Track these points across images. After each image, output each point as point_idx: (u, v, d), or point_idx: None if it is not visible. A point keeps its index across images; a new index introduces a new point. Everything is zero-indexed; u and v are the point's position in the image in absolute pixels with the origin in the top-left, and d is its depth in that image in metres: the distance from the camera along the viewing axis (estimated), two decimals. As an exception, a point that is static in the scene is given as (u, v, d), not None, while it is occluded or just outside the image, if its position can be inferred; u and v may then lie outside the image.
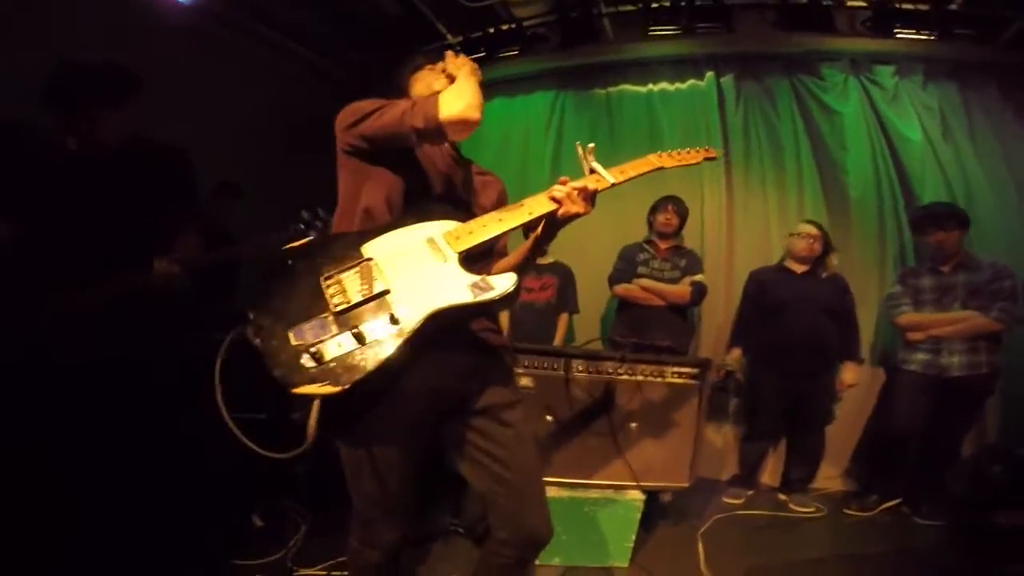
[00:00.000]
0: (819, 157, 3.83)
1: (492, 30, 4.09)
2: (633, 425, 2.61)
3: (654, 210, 3.46)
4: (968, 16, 3.48)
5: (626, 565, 2.51)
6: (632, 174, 1.54)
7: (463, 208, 1.49)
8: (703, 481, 3.60)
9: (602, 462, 2.58)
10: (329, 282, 1.24)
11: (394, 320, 1.18)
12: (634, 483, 2.56)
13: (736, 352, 3.47)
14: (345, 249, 1.31)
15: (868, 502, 3.24)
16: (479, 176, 1.65)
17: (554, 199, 1.38)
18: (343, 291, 1.22)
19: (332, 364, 1.14)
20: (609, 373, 2.61)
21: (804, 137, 3.86)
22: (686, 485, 2.67)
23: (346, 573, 2.17)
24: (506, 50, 4.14)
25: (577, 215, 1.37)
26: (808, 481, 3.47)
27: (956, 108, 3.72)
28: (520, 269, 1.44)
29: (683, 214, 3.45)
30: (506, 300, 1.26)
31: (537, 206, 1.39)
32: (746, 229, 3.88)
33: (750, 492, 3.47)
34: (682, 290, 3.31)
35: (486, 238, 1.35)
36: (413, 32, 4.01)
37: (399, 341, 1.17)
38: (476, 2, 3.78)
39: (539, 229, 1.44)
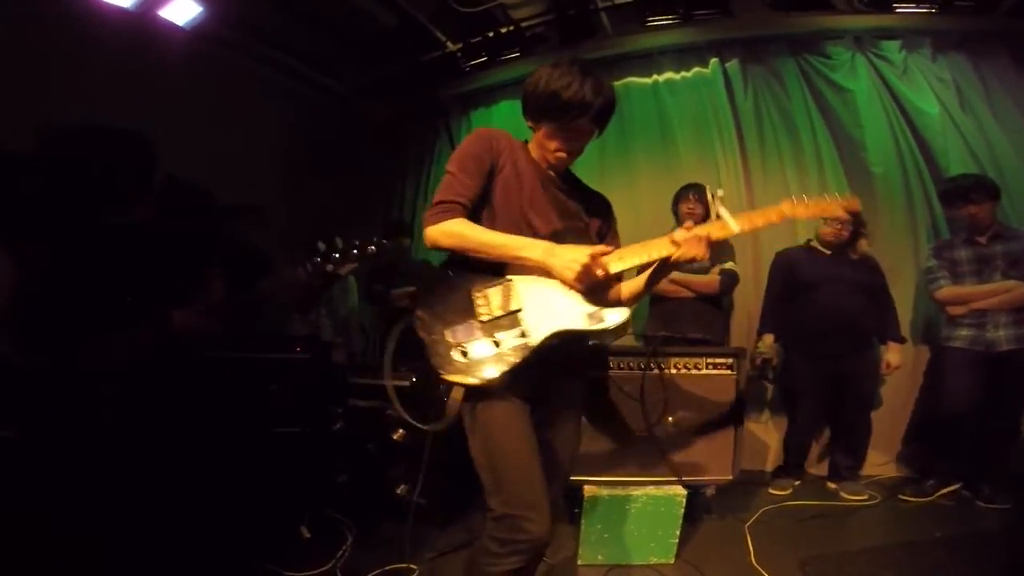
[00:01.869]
0: (836, 135, 3.76)
1: (491, 34, 4.10)
2: (671, 419, 2.54)
3: (677, 200, 3.40)
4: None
5: (672, 561, 2.43)
6: (759, 223, 1.57)
7: (584, 236, 1.59)
8: (747, 473, 3.48)
9: (640, 458, 2.51)
10: (478, 295, 1.49)
11: (523, 335, 1.43)
12: (675, 478, 2.48)
13: (768, 338, 3.35)
14: (494, 268, 1.53)
15: (925, 487, 3.08)
16: (585, 202, 1.69)
17: (674, 242, 1.48)
18: (488, 304, 1.48)
19: (474, 362, 1.42)
20: (642, 368, 2.55)
21: (818, 116, 3.80)
22: (730, 478, 2.58)
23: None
24: (507, 53, 4.15)
25: (694, 259, 1.46)
26: (857, 468, 3.32)
27: (970, 78, 3.63)
28: (631, 303, 1.62)
29: (706, 201, 3.38)
30: (617, 332, 1.47)
31: (656, 249, 1.50)
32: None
33: (797, 482, 3.34)
34: (710, 279, 3.22)
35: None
36: (413, 43, 4.06)
37: (525, 352, 1.42)
38: (471, 7, 3.78)
39: (652, 268, 1.58)
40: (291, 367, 2.65)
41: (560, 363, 1.54)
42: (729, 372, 2.61)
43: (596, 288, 1.48)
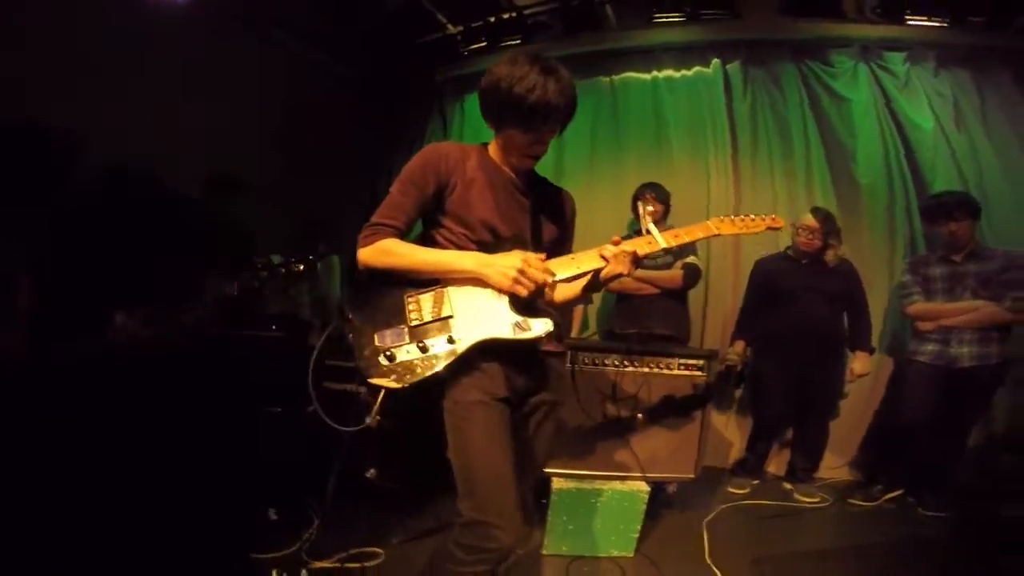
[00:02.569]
0: (828, 144, 3.79)
1: (493, 19, 4.03)
2: (639, 416, 2.62)
3: (636, 199, 3.38)
4: (981, 2, 3.38)
5: (631, 555, 2.53)
6: (686, 239, 1.64)
7: (530, 244, 1.58)
8: (709, 470, 3.59)
9: (608, 453, 2.60)
10: (410, 300, 1.49)
11: (451, 341, 1.44)
12: (640, 474, 2.57)
13: (739, 345, 3.45)
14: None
15: (872, 492, 3.24)
16: (550, 204, 1.67)
17: (603, 257, 1.52)
18: (419, 309, 1.48)
19: (399, 366, 1.42)
20: (616, 365, 2.62)
21: (812, 124, 3.81)
22: (692, 476, 2.69)
23: (360, 564, 2.25)
24: (508, 39, 4.07)
25: (620, 275, 1.52)
26: (813, 471, 3.47)
27: (969, 95, 3.65)
28: (565, 308, 1.70)
29: (664, 199, 3.38)
30: (541, 341, 1.48)
31: (586, 262, 1.54)
32: (755, 212, 3.82)
33: (755, 482, 3.47)
34: (673, 275, 3.26)
35: None
36: (414, 24, 3.97)
37: (451, 359, 1.42)
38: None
39: (585, 280, 1.60)
40: (267, 345, 2.64)
41: (533, 363, 1.57)
42: (699, 373, 2.68)
43: (529, 297, 1.48)
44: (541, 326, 1.46)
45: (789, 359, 3.26)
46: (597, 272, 1.56)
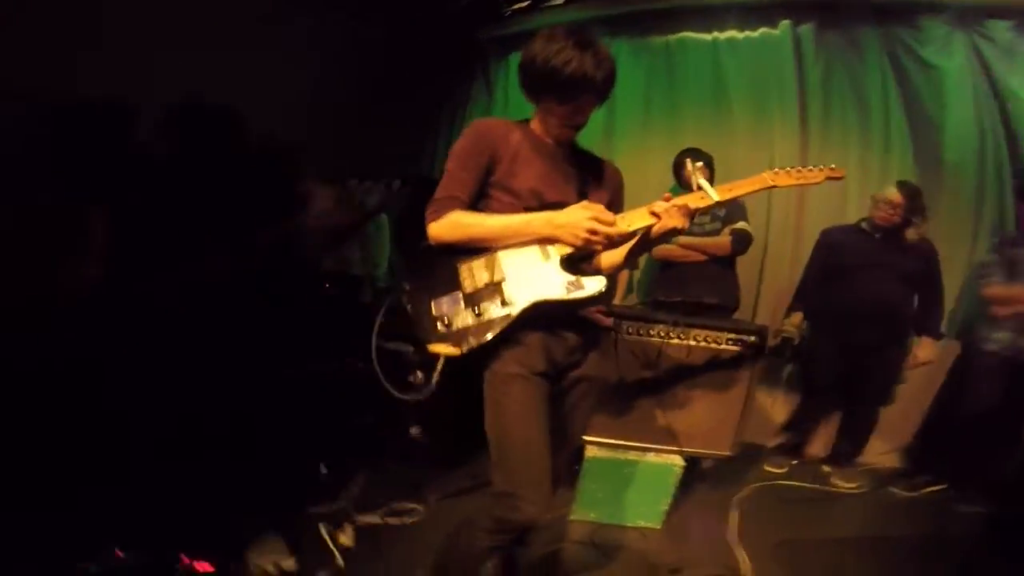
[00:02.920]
0: (912, 115, 3.46)
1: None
2: (681, 389, 2.59)
3: (678, 166, 3.27)
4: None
5: (658, 527, 2.58)
6: (740, 192, 1.58)
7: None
8: (748, 446, 3.56)
9: (645, 424, 2.60)
10: (463, 267, 1.53)
11: (504, 304, 1.47)
12: (676, 448, 2.58)
13: (796, 317, 3.30)
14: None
15: (916, 482, 3.14)
16: (595, 173, 1.67)
17: (654, 213, 1.50)
18: (472, 276, 1.52)
19: (456, 333, 1.48)
20: (660, 336, 2.58)
21: (895, 94, 3.47)
22: (728, 454, 2.68)
23: (400, 520, 2.41)
24: (551, -1, 3.84)
25: (674, 230, 1.49)
26: (854, 455, 3.37)
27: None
28: (610, 272, 1.68)
29: (708, 163, 3.19)
30: (596, 300, 1.49)
31: (637, 220, 1.52)
32: (820, 187, 3.57)
33: (794, 462, 3.42)
34: (722, 241, 3.13)
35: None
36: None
37: (505, 323, 1.46)
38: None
39: (635, 240, 1.58)
40: (320, 303, 2.76)
41: (576, 337, 1.60)
42: (748, 350, 2.60)
43: (576, 257, 1.51)
44: (595, 284, 1.48)
45: (847, 337, 3.11)
46: (646, 233, 1.55)
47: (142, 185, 1.99)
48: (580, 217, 1.45)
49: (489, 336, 1.46)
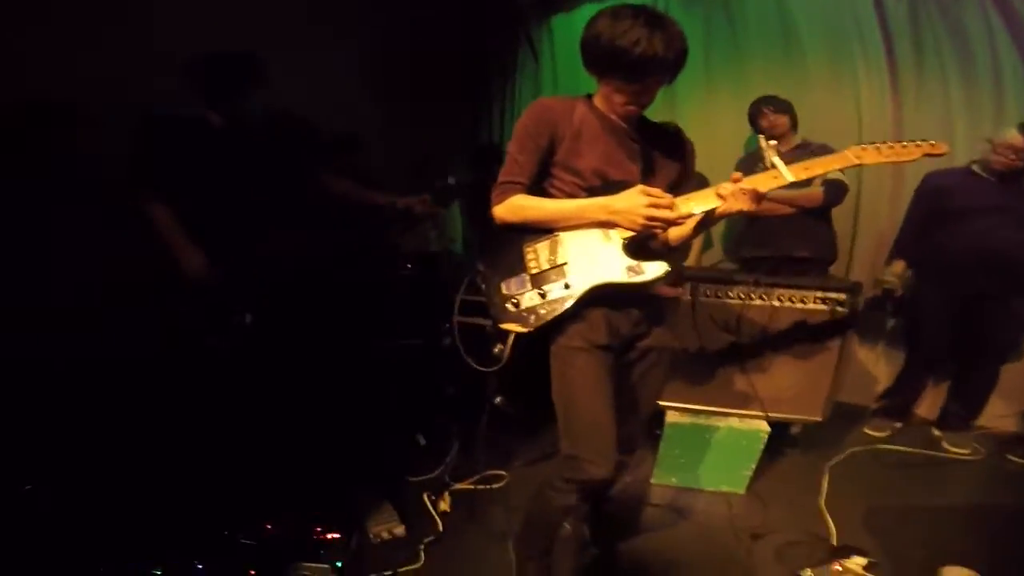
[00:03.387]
0: (1020, 44, 2.97)
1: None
2: (766, 352, 2.52)
3: (753, 117, 3.07)
4: None
5: (742, 492, 2.55)
6: (818, 171, 1.53)
7: (663, 184, 1.59)
8: (847, 408, 3.41)
9: (728, 388, 2.57)
10: (528, 249, 1.60)
11: (567, 286, 1.52)
12: (762, 413, 2.52)
13: (898, 266, 3.05)
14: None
15: None
16: (662, 147, 1.65)
17: (720, 196, 1.49)
18: (537, 258, 1.58)
19: (524, 311, 1.55)
20: (741, 298, 2.50)
21: (999, 25, 3.00)
22: (819, 419, 2.58)
23: (489, 486, 2.54)
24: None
25: (741, 212, 1.48)
26: (970, 418, 3.09)
27: None
28: (683, 243, 1.71)
29: (787, 109, 2.99)
30: (657, 283, 1.51)
31: (700, 202, 1.51)
32: (919, 129, 3.17)
33: (899, 424, 3.20)
34: (812, 192, 2.89)
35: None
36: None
37: (570, 302, 1.52)
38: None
39: (699, 217, 1.57)
40: (401, 283, 2.91)
41: (640, 311, 1.62)
42: (839, 309, 2.46)
43: (640, 240, 1.53)
44: (655, 269, 1.50)
45: (959, 286, 2.84)
46: (711, 211, 1.53)
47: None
48: (637, 203, 1.45)
49: (553, 316, 1.52)
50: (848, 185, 2.96)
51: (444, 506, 2.39)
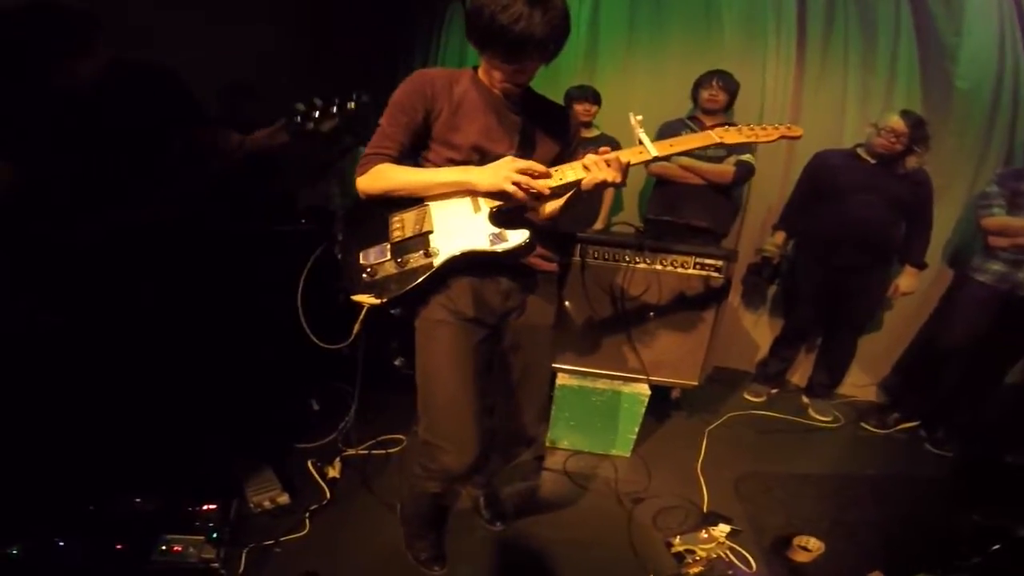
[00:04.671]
0: (923, 41, 3.17)
1: None
2: (651, 315, 2.59)
3: (698, 85, 3.10)
4: None
5: (628, 455, 2.67)
6: (681, 148, 1.54)
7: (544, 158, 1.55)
8: (730, 372, 3.66)
9: (613, 353, 2.63)
10: (394, 218, 1.54)
11: (427, 255, 1.47)
12: (643, 376, 2.61)
13: (779, 236, 3.23)
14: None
15: (887, 420, 3.17)
16: (544, 122, 1.60)
17: (584, 167, 1.45)
18: (402, 227, 1.52)
19: (380, 281, 1.49)
20: (627, 261, 2.55)
21: (908, 18, 3.17)
22: (695, 384, 2.70)
23: (385, 451, 2.51)
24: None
25: (605, 183, 1.43)
26: (832, 387, 3.39)
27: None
28: (553, 222, 1.68)
29: (732, 90, 3.06)
30: (520, 252, 1.47)
31: (569, 172, 1.47)
32: (815, 111, 3.41)
33: (774, 391, 3.45)
34: (724, 169, 3.02)
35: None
36: None
37: (427, 273, 1.46)
38: None
39: (569, 194, 1.56)
40: (298, 239, 2.75)
41: (511, 281, 1.60)
42: (716, 275, 2.57)
43: (521, 202, 1.48)
44: (517, 236, 1.46)
45: (829, 260, 3.05)
46: (577, 186, 1.50)
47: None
48: (502, 169, 1.42)
49: (410, 285, 1.46)
50: (755, 167, 3.07)
51: (333, 472, 2.34)
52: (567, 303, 2.59)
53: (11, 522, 1.78)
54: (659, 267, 2.56)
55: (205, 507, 1.99)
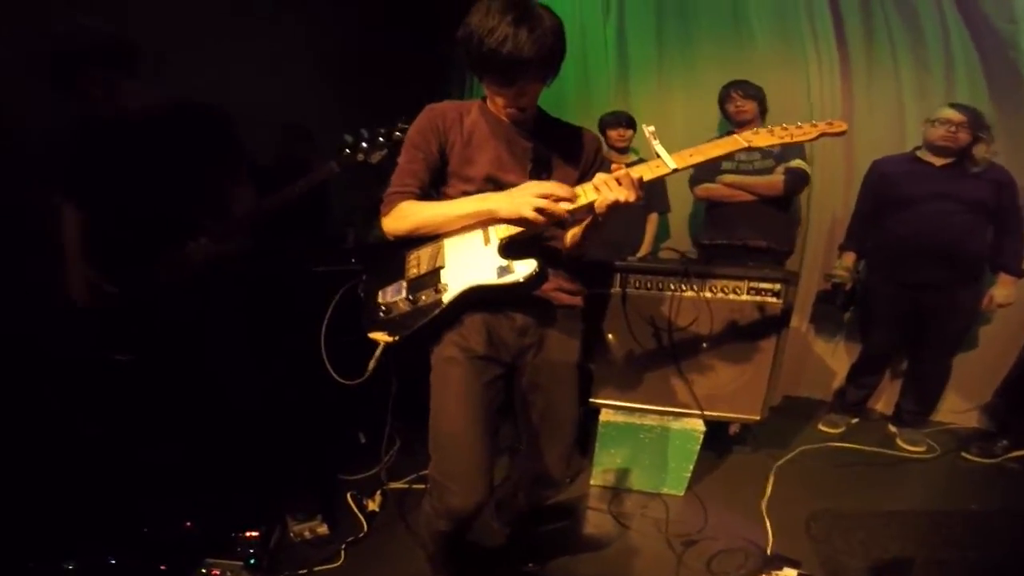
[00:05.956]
0: (976, 32, 2.89)
1: None
2: (702, 347, 2.41)
3: (721, 102, 2.97)
4: None
5: (681, 494, 2.47)
6: (703, 158, 1.41)
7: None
8: (803, 402, 3.35)
9: (662, 387, 2.45)
10: (411, 255, 1.54)
11: (437, 291, 1.44)
12: (698, 412, 2.41)
13: (848, 258, 2.96)
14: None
15: (995, 447, 2.74)
16: (561, 147, 1.56)
17: (595, 187, 1.38)
18: (418, 264, 1.51)
19: (395, 319, 1.47)
20: (672, 289, 2.39)
21: (951, 8, 2.91)
22: (757, 418, 2.45)
23: (425, 486, 2.49)
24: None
25: (618, 203, 1.34)
26: (923, 415, 2.99)
27: None
28: (576, 252, 1.61)
29: (756, 96, 2.89)
30: (530, 284, 1.40)
31: (583, 194, 1.40)
32: (871, 115, 3.16)
33: (854, 420, 3.11)
34: (773, 180, 2.83)
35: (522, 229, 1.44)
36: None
37: (438, 309, 1.43)
38: None
39: (587, 221, 1.50)
40: (347, 278, 2.85)
41: (526, 317, 1.54)
42: (773, 300, 2.36)
43: (519, 242, 1.43)
44: (524, 268, 1.40)
45: (906, 279, 2.75)
46: (592, 210, 1.41)
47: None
48: (525, 195, 1.36)
49: (420, 323, 1.43)
50: (809, 174, 2.88)
51: (373, 506, 2.34)
52: (609, 336, 2.46)
53: (70, 539, 1.89)
54: (708, 294, 2.38)
55: (248, 534, 2.03)
